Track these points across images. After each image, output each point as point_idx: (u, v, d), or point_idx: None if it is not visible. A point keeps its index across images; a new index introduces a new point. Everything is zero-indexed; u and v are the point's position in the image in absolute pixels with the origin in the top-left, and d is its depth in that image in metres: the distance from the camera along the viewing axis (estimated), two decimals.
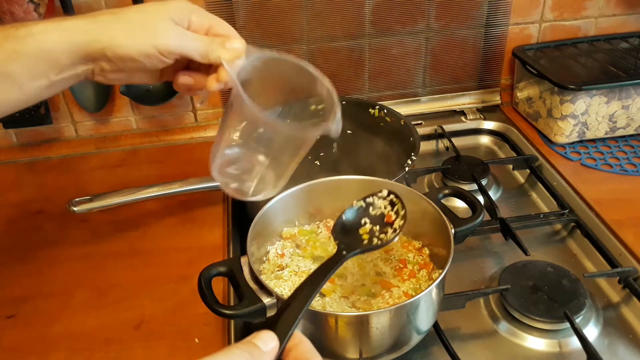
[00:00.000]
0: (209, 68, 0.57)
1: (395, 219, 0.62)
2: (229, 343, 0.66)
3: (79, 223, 0.86)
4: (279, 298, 0.57)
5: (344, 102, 1.03)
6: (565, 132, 0.99)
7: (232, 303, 0.70)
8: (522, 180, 0.99)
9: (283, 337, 0.43)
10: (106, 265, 0.78)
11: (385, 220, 0.63)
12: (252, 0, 0.99)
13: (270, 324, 0.44)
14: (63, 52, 0.52)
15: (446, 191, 0.74)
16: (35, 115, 0.99)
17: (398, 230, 0.61)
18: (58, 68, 0.53)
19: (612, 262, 0.76)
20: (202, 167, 0.99)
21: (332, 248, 0.69)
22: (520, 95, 1.11)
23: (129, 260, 0.79)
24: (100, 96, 1.03)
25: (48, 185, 0.98)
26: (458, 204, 0.78)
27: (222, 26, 0.57)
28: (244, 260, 0.62)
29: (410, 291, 0.65)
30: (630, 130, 1.01)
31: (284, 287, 0.66)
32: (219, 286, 0.71)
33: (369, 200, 0.65)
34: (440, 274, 0.60)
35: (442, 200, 0.72)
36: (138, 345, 0.66)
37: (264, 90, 0.60)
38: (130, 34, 0.53)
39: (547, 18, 1.11)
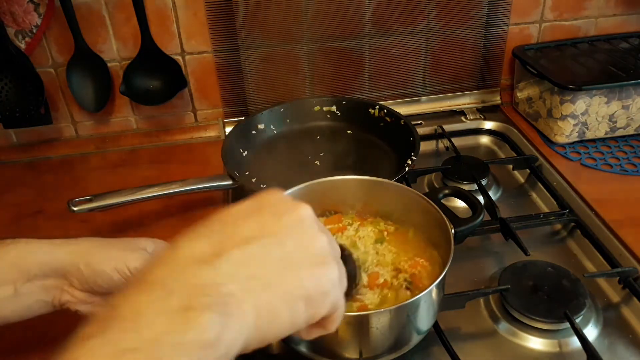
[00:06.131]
0: None
1: None
2: None
3: (79, 223, 0.86)
4: None
5: (344, 102, 1.05)
6: (565, 132, 0.99)
7: None
8: (522, 180, 0.99)
9: None
10: None
11: None
12: (252, 0, 0.99)
13: None
14: (35, 261, 0.54)
15: (446, 191, 0.75)
16: (35, 115, 0.99)
17: None
18: (26, 277, 0.54)
19: (612, 262, 0.76)
20: (202, 167, 1.00)
21: None
22: (520, 95, 1.11)
23: None
24: (100, 96, 1.03)
25: (48, 185, 0.98)
26: (458, 204, 0.78)
27: None
28: None
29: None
30: (630, 130, 1.01)
31: None
32: None
33: None
34: (440, 274, 0.60)
35: (442, 200, 0.72)
36: None
37: None
38: (106, 250, 0.57)
39: (547, 18, 1.11)
